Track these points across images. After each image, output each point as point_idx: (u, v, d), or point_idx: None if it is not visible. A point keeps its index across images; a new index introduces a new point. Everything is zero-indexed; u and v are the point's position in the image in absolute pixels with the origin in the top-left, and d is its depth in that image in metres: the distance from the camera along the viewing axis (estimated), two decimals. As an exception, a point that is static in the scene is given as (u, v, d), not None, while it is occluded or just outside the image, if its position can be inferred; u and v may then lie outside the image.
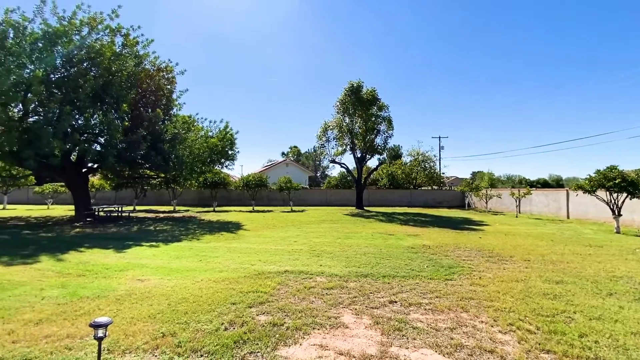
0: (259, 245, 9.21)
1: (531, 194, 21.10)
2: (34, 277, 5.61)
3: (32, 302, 4.38)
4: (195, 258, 7.36)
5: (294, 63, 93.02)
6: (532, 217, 19.31)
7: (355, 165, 25.60)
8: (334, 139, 24.78)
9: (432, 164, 35.32)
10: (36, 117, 13.43)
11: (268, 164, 55.03)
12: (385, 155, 24.83)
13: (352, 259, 7.33)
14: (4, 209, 23.09)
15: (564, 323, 3.83)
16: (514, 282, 5.58)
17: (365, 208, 25.07)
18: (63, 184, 22.36)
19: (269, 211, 22.74)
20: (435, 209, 26.43)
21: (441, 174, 37.26)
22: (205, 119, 20.57)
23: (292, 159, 61.36)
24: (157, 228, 13.06)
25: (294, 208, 25.43)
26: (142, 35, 15.48)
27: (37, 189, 24.99)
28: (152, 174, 19.23)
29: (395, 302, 4.58)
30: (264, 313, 4.07)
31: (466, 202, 28.95)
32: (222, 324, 3.68)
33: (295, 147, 74.16)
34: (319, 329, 3.64)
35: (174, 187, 23.86)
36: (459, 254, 8.06)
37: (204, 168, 19.87)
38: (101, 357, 2.83)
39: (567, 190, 19.29)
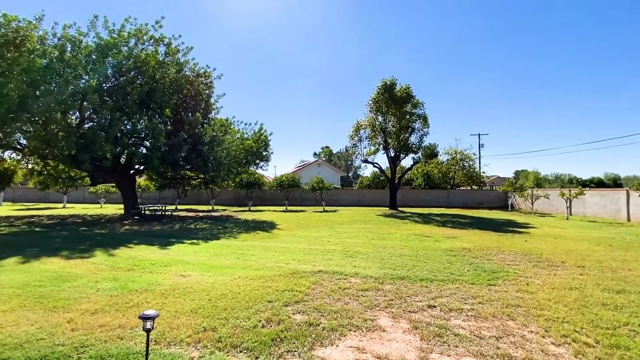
0: (293, 244, 9.31)
1: (584, 194, 19.34)
2: (90, 270, 6.10)
3: (88, 293, 4.76)
4: (233, 256, 7.60)
5: (325, 63, 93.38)
6: (586, 220, 17.69)
7: (388, 165, 25.10)
8: (366, 138, 24.48)
9: (471, 163, 33.62)
10: (91, 123, 14.69)
11: (300, 165, 55.70)
12: (420, 154, 24.05)
13: (387, 260, 7.16)
14: (63, 207, 25.53)
15: (628, 337, 3.45)
16: (567, 290, 5.12)
17: (399, 209, 24.49)
18: (114, 184, 24.17)
19: (301, 211, 22.98)
20: (475, 210, 25.15)
21: (481, 173, 35.34)
22: (241, 122, 21.31)
23: (324, 159, 61.61)
24: (197, 226, 13.69)
25: (326, 208, 25.48)
26: (183, 43, 16.38)
27: (91, 189, 27.31)
28: (192, 174, 20.21)
29: (434, 306, 4.39)
30: (299, 312, 4.09)
31: (509, 203, 27.22)
32: (260, 321, 3.75)
33: (327, 147, 74.42)
34: (355, 331, 3.59)
35: (212, 187, 24.88)
36: (503, 257, 7.58)
37: (240, 169, 20.55)
38: (149, 348, 2.99)
39: (627, 190, 17.46)
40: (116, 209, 22.66)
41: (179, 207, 26.71)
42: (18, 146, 15.38)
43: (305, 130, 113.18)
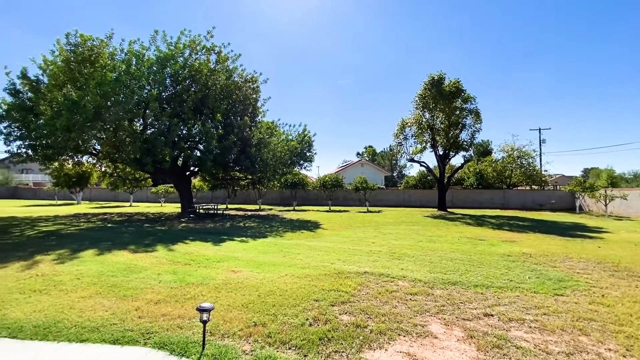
0: (337, 244, 9.30)
1: (674, 194, 16.68)
2: (153, 264, 6.67)
3: (152, 284, 5.20)
4: (280, 254, 7.81)
5: (367, 62, 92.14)
6: (676, 224, 15.22)
7: (436, 164, 23.96)
8: (412, 136, 23.59)
9: (530, 160, 30.65)
10: (152, 129, 16.12)
11: (343, 165, 55.62)
12: (471, 151, 22.65)
13: (436, 264, 6.83)
14: (130, 206, 28.38)
15: None
16: (656, 305, 4.43)
17: (448, 210, 23.26)
18: (172, 185, 26.27)
19: (344, 211, 22.90)
20: (536, 212, 22.98)
21: (542, 172, 32.14)
22: (286, 124, 21.89)
23: (367, 159, 60.83)
24: (246, 225, 14.31)
25: (370, 208, 25.10)
26: (232, 50, 17.28)
27: (153, 189, 29.95)
28: (241, 175, 21.21)
29: (491, 315, 4.07)
30: (346, 313, 4.06)
31: (577, 205, 24.41)
32: (307, 319, 3.79)
33: (371, 146, 73.31)
34: (404, 336, 3.46)
35: (259, 187, 25.89)
36: (571, 265, 6.81)
37: (285, 169, 21.11)
38: (205, 339, 3.17)
39: None
40: (174, 208, 24.59)
41: (229, 206, 28.22)
42: (93, 151, 17.42)
43: (348, 130, 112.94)
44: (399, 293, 4.88)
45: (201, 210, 19.84)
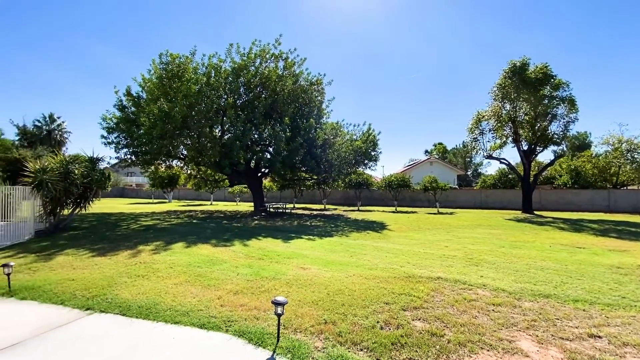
0: (406, 246, 8.92)
1: None
2: (231, 257, 7.25)
3: (230, 276, 5.64)
4: (346, 253, 7.80)
5: (434, 57, 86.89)
6: None
7: (521, 160, 21.37)
8: (489, 130, 21.44)
9: (643, 154, 25.42)
10: (229, 134, 17.61)
11: (410, 164, 53.35)
12: (564, 145, 19.65)
13: (523, 273, 6.06)
14: (211, 204, 31.50)
15: None
16: None
17: (535, 212, 20.57)
18: (246, 185, 28.40)
19: (412, 212, 21.92)
20: (653, 216, 18.92)
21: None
22: (350, 124, 21.88)
23: (436, 157, 57.30)
24: (312, 224, 14.69)
25: (441, 210, 23.58)
26: (298, 55, 17.88)
27: (230, 189, 32.76)
28: (307, 176, 21.87)
29: (599, 336, 3.44)
30: (419, 319, 3.84)
31: None
32: (378, 322, 3.69)
33: (440, 144, 68.89)
34: (488, 350, 3.12)
35: (324, 187, 26.39)
36: None
37: (349, 169, 21.11)
38: (280, 331, 3.31)
39: None
40: (248, 206, 26.52)
41: (296, 205, 29.35)
42: (181, 156, 19.75)
43: (414, 128, 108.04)
44: (478, 302, 4.45)
45: (271, 209, 21.00)
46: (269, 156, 18.09)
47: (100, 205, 24.43)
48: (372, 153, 21.99)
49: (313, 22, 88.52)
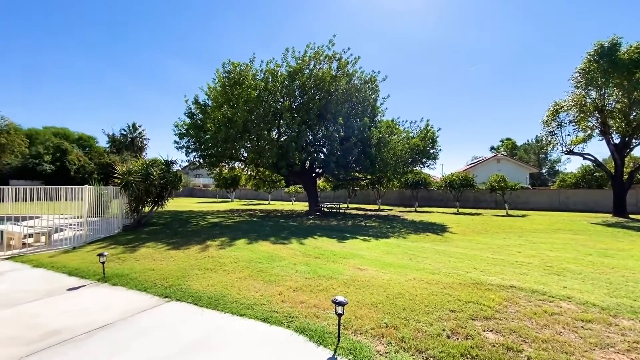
0: (471, 251, 8.27)
1: None
2: (289, 254, 7.46)
3: (289, 273, 5.80)
4: (405, 256, 7.50)
5: (497, 47, 79.57)
6: None
7: (611, 155, 18.45)
8: (570, 122, 18.87)
9: None
10: (285, 136, 18.22)
11: (473, 161, 49.62)
12: (668, 137, 16.48)
13: (619, 286, 5.20)
14: (268, 204, 32.96)
15: None
16: None
17: (630, 216, 17.60)
18: (301, 186, 29.14)
19: (476, 214, 20.32)
20: None
21: None
22: (406, 121, 21.11)
23: (504, 153, 52.38)
24: (367, 224, 14.46)
25: (510, 212, 21.46)
26: (351, 55, 17.73)
27: (286, 189, 33.91)
28: (361, 176, 21.62)
29: None
30: (491, 330, 3.51)
31: None
32: (444, 330, 3.45)
33: (509, 139, 62.81)
34: (579, 373, 2.72)
35: (378, 187, 25.84)
36: None
37: (405, 169, 20.36)
38: (340, 331, 3.28)
39: None
40: (302, 206, 27.16)
41: (350, 205, 29.22)
42: (242, 158, 20.99)
43: (477, 124, 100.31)
44: (562, 317, 3.92)
45: (325, 209, 21.21)
46: (322, 157, 18.27)
47: (174, 204, 27.14)
48: (431, 151, 20.96)
49: (363, 20, 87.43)
